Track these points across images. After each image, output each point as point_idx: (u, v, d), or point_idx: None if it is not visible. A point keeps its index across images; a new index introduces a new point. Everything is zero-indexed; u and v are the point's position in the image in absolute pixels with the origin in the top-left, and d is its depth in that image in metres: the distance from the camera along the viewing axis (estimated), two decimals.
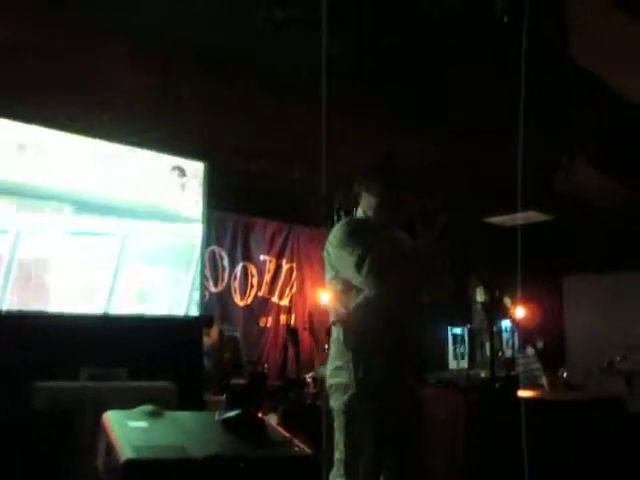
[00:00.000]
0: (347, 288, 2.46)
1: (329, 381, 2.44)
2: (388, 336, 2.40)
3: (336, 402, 2.37)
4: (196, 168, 4.58)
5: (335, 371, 2.42)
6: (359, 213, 2.70)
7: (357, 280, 2.40)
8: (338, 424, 2.32)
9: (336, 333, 2.47)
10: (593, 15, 3.05)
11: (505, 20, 3.17)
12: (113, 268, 4.10)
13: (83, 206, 4.03)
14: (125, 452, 1.57)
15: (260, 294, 6.54)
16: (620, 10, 2.96)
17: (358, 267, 2.35)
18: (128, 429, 1.80)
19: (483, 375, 3.69)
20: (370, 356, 2.35)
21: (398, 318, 2.44)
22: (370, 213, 2.63)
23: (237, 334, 5.94)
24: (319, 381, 5.26)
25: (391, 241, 2.56)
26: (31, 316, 3.71)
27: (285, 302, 6.69)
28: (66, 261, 3.97)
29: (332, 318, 2.50)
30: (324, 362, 2.68)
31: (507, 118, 2.75)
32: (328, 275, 2.57)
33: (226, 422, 1.85)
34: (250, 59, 3.76)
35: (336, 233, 2.56)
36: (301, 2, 3.18)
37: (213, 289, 6.16)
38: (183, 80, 3.99)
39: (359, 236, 2.48)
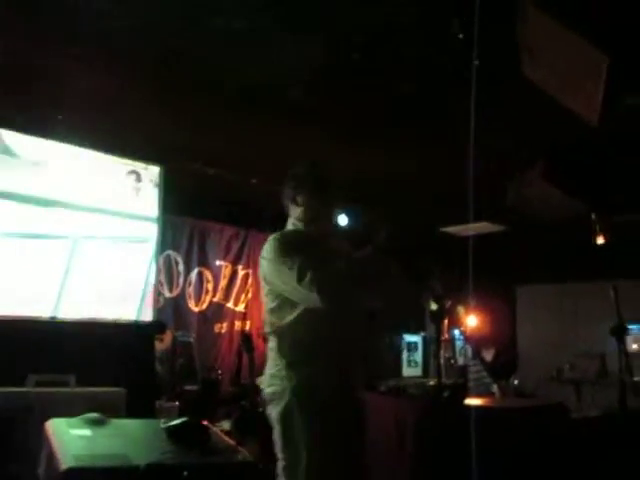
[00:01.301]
0: (282, 302, 2.41)
1: (265, 390, 2.40)
2: (328, 347, 2.39)
3: (273, 410, 2.32)
4: (152, 172, 4.54)
5: (271, 379, 2.38)
6: (289, 225, 2.63)
7: (296, 294, 2.32)
8: (276, 433, 2.30)
9: (271, 343, 2.44)
10: (544, 34, 3.13)
11: (459, 36, 3.24)
12: (62, 271, 4.03)
13: (34, 208, 3.96)
14: (66, 460, 1.55)
15: (215, 300, 6.51)
16: (570, 30, 3.05)
17: (299, 280, 2.27)
18: (70, 437, 1.78)
19: (432, 383, 3.73)
20: (305, 365, 2.33)
21: (338, 329, 2.43)
22: (299, 224, 2.57)
23: (191, 340, 5.90)
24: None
25: (326, 252, 2.50)
26: None
27: (240, 308, 6.66)
28: (14, 263, 3.89)
29: (267, 329, 2.47)
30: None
31: (464, 132, 2.81)
32: (264, 290, 2.51)
33: (170, 430, 1.84)
34: (207, 65, 3.75)
35: (270, 247, 2.47)
36: (264, 12, 3.19)
37: (168, 294, 6.11)
38: (140, 84, 3.96)
39: (295, 249, 2.40)
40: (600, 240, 6.14)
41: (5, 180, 3.88)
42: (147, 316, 4.45)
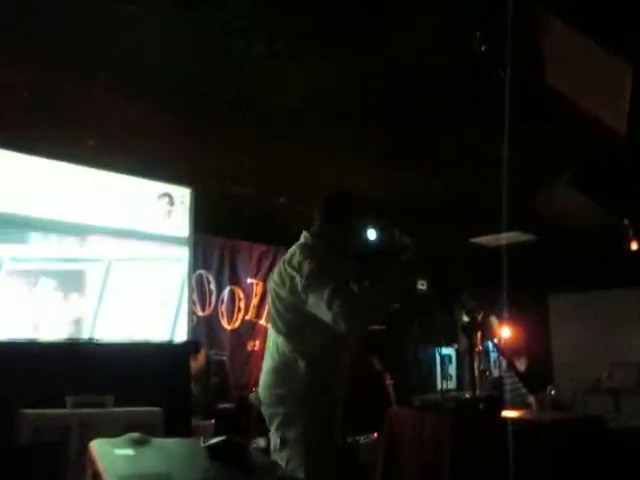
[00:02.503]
0: (303, 318, 2.45)
1: (270, 409, 2.51)
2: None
3: (289, 432, 2.41)
4: (182, 194, 4.62)
5: (277, 399, 2.50)
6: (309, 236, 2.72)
7: (324, 315, 2.35)
8: (299, 454, 2.36)
9: (279, 362, 2.56)
10: (568, 44, 3.13)
11: (483, 50, 3.26)
12: (97, 294, 4.11)
13: (69, 234, 4.05)
14: None
15: (247, 317, 6.56)
16: (592, 40, 3.05)
17: (329, 306, 2.31)
18: (114, 457, 1.81)
19: (467, 396, 3.71)
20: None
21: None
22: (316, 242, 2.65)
23: (224, 358, 5.95)
24: None
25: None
26: (16, 344, 3.69)
27: None
28: (50, 288, 3.97)
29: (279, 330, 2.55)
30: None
31: (491, 143, 2.82)
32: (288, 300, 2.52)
33: (211, 448, 1.87)
34: (234, 88, 3.82)
35: (304, 263, 2.47)
36: (284, 35, 3.25)
37: (200, 313, 6.17)
38: (168, 108, 4.04)
39: (326, 268, 2.44)
40: (634, 246, 6.06)
41: (40, 207, 3.98)
42: (181, 335, 4.50)
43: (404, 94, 3.86)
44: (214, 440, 1.88)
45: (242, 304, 6.53)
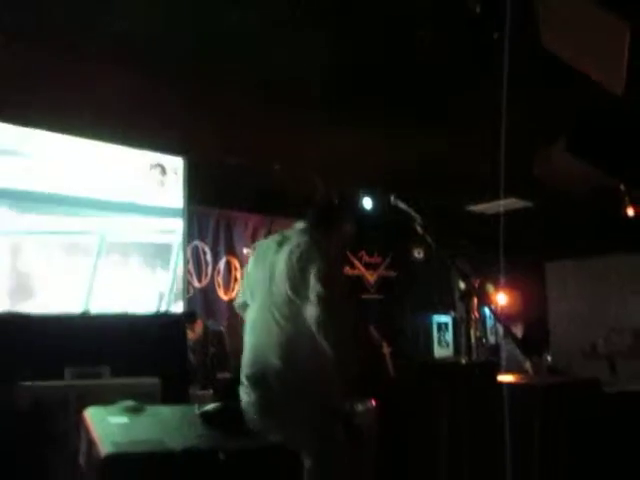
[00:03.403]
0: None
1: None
2: None
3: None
4: (175, 164, 4.58)
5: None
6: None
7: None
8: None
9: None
10: (563, 4, 3.08)
11: (477, 11, 3.20)
12: (91, 266, 4.10)
13: (61, 205, 4.02)
14: (105, 447, 1.59)
15: None
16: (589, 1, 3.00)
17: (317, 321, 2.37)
18: (108, 425, 1.82)
19: (464, 362, 3.72)
20: None
21: None
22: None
23: (222, 328, 5.94)
24: None
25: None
26: (12, 317, 3.69)
27: None
28: (43, 260, 3.96)
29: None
30: None
31: (484, 109, 2.79)
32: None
33: (205, 415, 1.87)
34: (228, 57, 3.76)
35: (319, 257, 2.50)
36: (280, 3, 3.19)
37: (197, 284, 6.16)
38: (162, 77, 3.98)
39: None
40: (630, 212, 6.04)
41: (32, 180, 3.94)
42: (177, 306, 4.50)
43: (400, 60, 3.81)
44: (208, 407, 1.89)
45: (238, 274, 6.51)
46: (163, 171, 4.49)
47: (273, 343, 2.34)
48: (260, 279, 2.62)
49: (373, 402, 4.97)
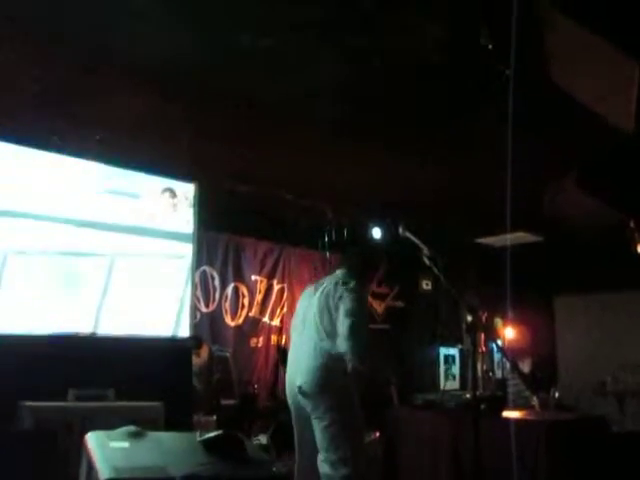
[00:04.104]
0: None
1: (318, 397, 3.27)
2: None
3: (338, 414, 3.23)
4: (186, 189, 4.61)
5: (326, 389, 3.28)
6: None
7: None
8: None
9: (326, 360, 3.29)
10: (573, 41, 3.11)
11: (489, 47, 3.24)
12: (101, 289, 4.11)
13: (73, 227, 4.05)
14: (105, 472, 1.58)
15: (251, 314, 6.55)
16: (600, 37, 3.03)
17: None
18: (109, 450, 1.81)
19: (468, 396, 3.69)
20: None
21: None
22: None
23: (227, 354, 5.94)
24: None
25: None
26: (19, 338, 3.70)
27: (276, 322, 6.69)
28: (53, 281, 3.97)
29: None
30: None
31: (497, 142, 2.81)
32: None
33: (207, 442, 1.86)
34: (239, 83, 3.81)
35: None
36: (289, 29, 3.24)
37: (204, 309, 6.17)
38: (173, 103, 4.04)
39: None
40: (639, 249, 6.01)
41: (43, 201, 3.98)
42: (184, 331, 4.50)
43: (408, 89, 3.84)
44: (210, 434, 1.88)
45: (246, 301, 6.52)
46: (174, 195, 4.52)
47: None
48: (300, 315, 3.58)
49: (377, 434, 4.93)
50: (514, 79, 2.81)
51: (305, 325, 3.47)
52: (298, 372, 3.37)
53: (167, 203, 4.48)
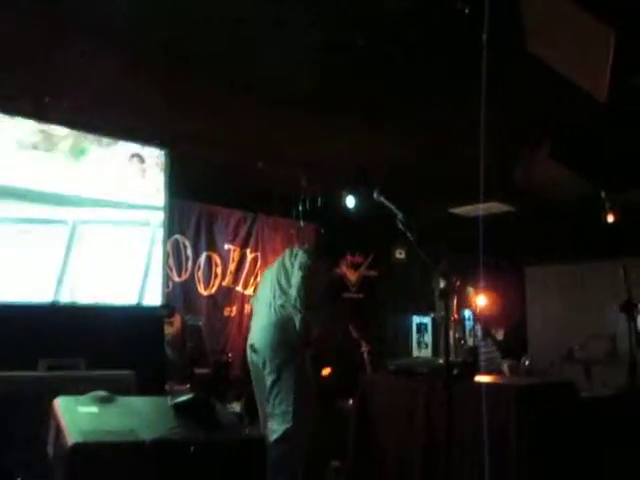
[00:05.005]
0: None
1: (270, 352, 3.67)
2: None
3: (285, 371, 3.57)
4: (156, 155, 4.53)
5: (277, 346, 3.71)
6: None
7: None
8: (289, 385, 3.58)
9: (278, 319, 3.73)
10: (550, 9, 3.09)
11: (465, 11, 3.20)
12: (62, 256, 4.02)
13: (36, 193, 3.96)
14: (73, 436, 1.56)
15: (224, 284, 6.52)
16: (576, 5, 3.01)
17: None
18: (77, 414, 1.79)
19: (441, 361, 3.72)
20: None
21: None
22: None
23: (200, 323, 5.92)
24: None
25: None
26: None
27: (249, 291, 6.67)
28: (12, 249, 3.88)
29: None
30: None
31: (470, 112, 2.79)
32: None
33: (178, 406, 1.84)
34: (211, 50, 3.72)
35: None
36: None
37: (177, 278, 6.13)
38: (145, 68, 3.94)
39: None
40: (610, 219, 6.09)
41: (7, 167, 3.88)
42: (150, 299, 4.44)
43: (385, 59, 3.79)
44: (181, 398, 1.87)
45: (219, 270, 6.49)
46: (142, 161, 4.43)
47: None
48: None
49: (350, 401, 4.98)
50: (488, 47, 2.79)
51: (265, 288, 3.82)
52: (255, 329, 3.70)
53: (136, 169, 4.40)
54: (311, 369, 3.73)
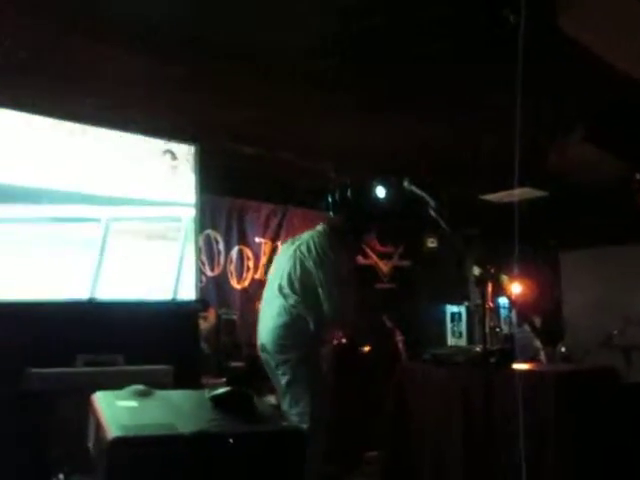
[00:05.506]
0: None
1: (281, 355, 3.49)
2: None
3: (299, 372, 3.43)
4: (187, 151, 4.55)
5: (288, 348, 3.48)
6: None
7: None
8: (304, 387, 3.41)
9: (290, 319, 3.48)
10: None
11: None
12: (97, 253, 4.06)
13: (70, 192, 4.00)
14: (113, 430, 1.57)
15: (257, 277, 6.54)
16: None
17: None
18: (117, 408, 1.80)
19: (478, 350, 3.69)
20: None
21: None
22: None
23: (234, 317, 5.94)
24: None
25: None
26: (23, 305, 3.67)
27: None
28: (46, 247, 3.92)
29: None
30: None
31: (503, 97, 2.74)
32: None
33: (216, 399, 1.85)
34: (241, 42, 3.71)
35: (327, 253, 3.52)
36: None
37: (209, 273, 6.16)
38: (174, 62, 3.94)
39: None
40: None
41: (38, 168, 3.92)
42: (185, 294, 4.47)
43: (410, 41, 3.73)
44: (219, 391, 1.87)
45: (251, 263, 6.51)
46: (174, 157, 4.45)
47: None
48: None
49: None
50: (521, 28, 2.73)
51: (275, 281, 3.56)
52: (264, 330, 3.51)
53: (167, 165, 4.42)
54: (324, 367, 3.70)
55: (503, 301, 6.70)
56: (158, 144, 4.41)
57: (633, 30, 3.32)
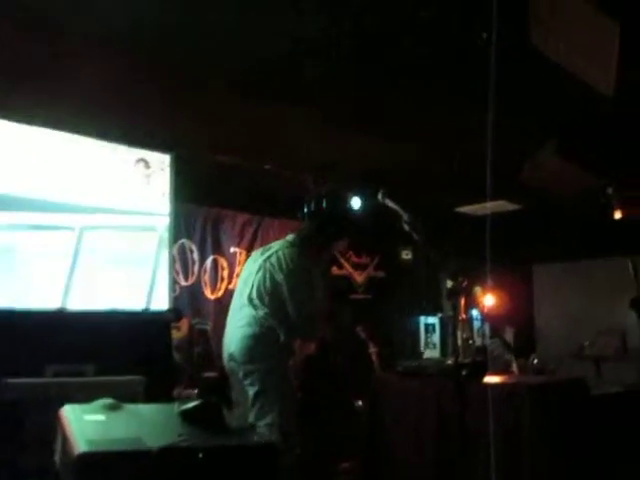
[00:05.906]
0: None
1: (249, 365, 3.43)
2: None
3: (267, 382, 3.38)
4: (161, 160, 4.52)
5: (257, 358, 3.46)
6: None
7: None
8: (273, 398, 3.36)
9: (259, 330, 3.45)
10: (555, 3, 3.06)
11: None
12: (69, 262, 4.01)
13: (42, 200, 3.95)
14: (79, 445, 1.54)
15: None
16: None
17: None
18: (84, 423, 1.77)
19: (450, 362, 3.70)
20: None
21: None
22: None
23: (208, 327, 5.91)
24: None
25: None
26: None
27: None
28: (19, 255, 3.87)
29: None
30: None
31: (476, 111, 2.76)
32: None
33: (185, 413, 1.83)
34: (215, 53, 3.70)
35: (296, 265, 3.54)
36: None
37: (183, 283, 6.12)
38: (148, 71, 3.92)
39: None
40: (617, 215, 6.05)
41: (12, 173, 3.87)
42: (158, 304, 4.43)
43: (385, 57, 3.76)
44: (188, 405, 1.85)
45: (225, 273, 6.47)
46: (147, 166, 4.42)
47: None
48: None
49: (360, 402, 4.96)
50: (491, 44, 2.76)
51: (245, 289, 3.53)
52: (233, 339, 3.46)
53: (141, 174, 4.39)
54: (293, 379, 3.60)
55: (477, 313, 6.76)
56: (131, 153, 4.38)
57: (603, 45, 3.38)
